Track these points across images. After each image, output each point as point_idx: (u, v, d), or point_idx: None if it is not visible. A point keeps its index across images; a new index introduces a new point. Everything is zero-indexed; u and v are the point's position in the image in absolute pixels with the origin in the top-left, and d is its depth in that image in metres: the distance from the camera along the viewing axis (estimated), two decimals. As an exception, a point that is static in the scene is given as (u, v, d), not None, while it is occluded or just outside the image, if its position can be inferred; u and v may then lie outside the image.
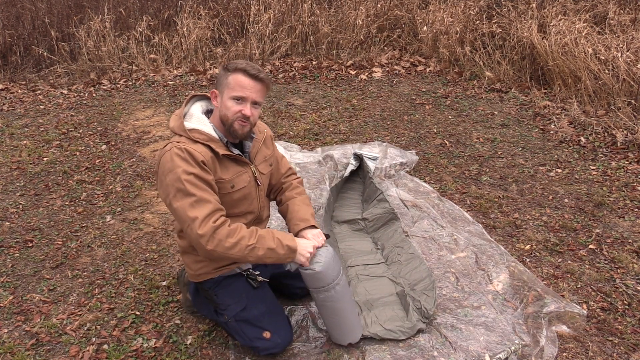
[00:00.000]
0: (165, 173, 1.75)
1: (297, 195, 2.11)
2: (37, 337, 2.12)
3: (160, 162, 1.80)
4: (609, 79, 4.15)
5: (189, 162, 1.74)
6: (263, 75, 1.81)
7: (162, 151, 1.80)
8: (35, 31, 5.71)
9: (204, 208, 1.71)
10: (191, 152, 1.74)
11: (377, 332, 2.04)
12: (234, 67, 1.80)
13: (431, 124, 4.19)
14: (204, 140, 1.81)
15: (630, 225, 2.83)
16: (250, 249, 1.74)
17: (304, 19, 5.88)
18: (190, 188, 1.72)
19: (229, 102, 1.81)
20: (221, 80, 1.83)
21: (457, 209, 2.97)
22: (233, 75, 1.80)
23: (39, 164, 3.59)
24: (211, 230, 1.69)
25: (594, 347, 2.04)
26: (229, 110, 1.81)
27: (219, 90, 1.85)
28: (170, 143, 1.80)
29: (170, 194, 1.74)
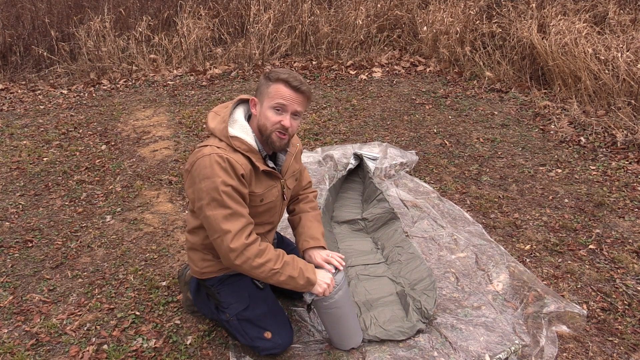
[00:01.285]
0: (202, 178, 1.72)
1: (310, 209, 2.11)
2: (37, 337, 2.12)
3: (196, 164, 1.75)
4: (609, 79, 4.15)
5: (229, 173, 1.71)
6: (305, 87, 1.78)
7: (201, 153, 1.75)
8: (35, 31, 5.71)
9: (237, 222, 1.72)
10: (233, 164, 1.72)
11: (376, 334, 2.04)
12: (276, 76, 1.76)
13: (431, 124, 4.19)
14: (244, 150, 1.78)
15: (630, 225, 2.83)
16: (274, 272, 1.77)
17: (304, 19, 5.88)
18: (227, 200, 1.71)
19: (268, 111, 1.78)
20: (262, 89, 1.80)
21: (457, 209, 2.97)
22: (274, 85, 1.76)
23: (38, 164, 3.59)
24: (242, 247, 1.71)
25: (594, 347, 2.04)
26: (268, 121, 1.78)
27: (259, 99, 1.81)
28: (210, 147, 1.75)
29: (204, 200, 1.72)
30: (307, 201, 2.13)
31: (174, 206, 3.07)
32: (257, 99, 1.82)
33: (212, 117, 1.88)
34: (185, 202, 3.11)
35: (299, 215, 2.09)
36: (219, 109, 1.90)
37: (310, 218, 2.07)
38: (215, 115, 1.88)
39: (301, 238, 2.01)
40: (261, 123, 1.80)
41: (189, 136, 3.99)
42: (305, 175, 2.16)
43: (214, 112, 1.90)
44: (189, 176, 1.80)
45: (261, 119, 1.80)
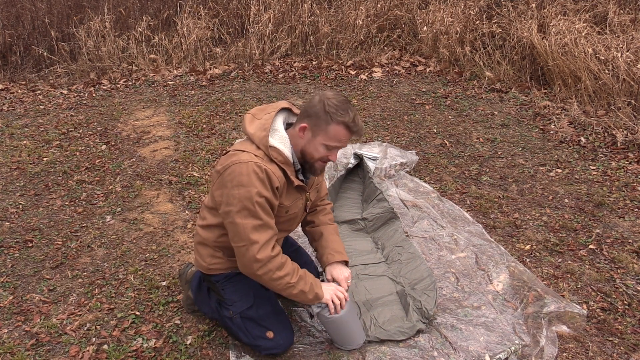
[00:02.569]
0: (236, 185, 1.71)
1: (330, 222, 2.12)
2: (37, 337, 2.12)
3: (231, 168, 1.72)
4: (609, 79, 4.15)
5: (265, 184, 1.71)
6: (360, 129, 1.79)
7: (237, 159, 1.72)
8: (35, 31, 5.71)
9: (265, 233, 1.74)
10: (270, 176, 1.72)
11: (376, 335, 2.05)
12: (340, 119, 1.73)
13: (431, 124, 4.19)
14: (280, 162, 1.77)
15: (630, 225, 2.83)
16: (289, 286, 1.80)
17: (304, 19, 5.88)
18: (259, 211, 1.71)
19: (320, 147, 1.78)
20: (319, 123, 1.75)
21: (457, 209, 2.97)
22: (335, 126, 1.74)
23: (39, 164, 3.59)
24: (267, 259, 1.74)
25: (594, 347, 2.04)
26: (317, 153, 1.79)
27: (312, 129, 1.77)
28: (248, 154, 1.73)
29: (235, 207, 1.72)
30: (325, 213, 2.13)
31: (174, 206, 3.07)
32: (309, 127, 1.77)
33: (249, 120, 1.84)
34: (185, 202, 3.11)
35: (319, 229, 2.08)
36: (257, 112, 1.86)
37: (332, 231, 2.09)
38: (253, 119, 1.84)
39: (326, 251, 2.03)
40: (308, 151, 1.80)
41: (189, 136, 3.99)
42: (323, 185, 2.16)
43: (251, 114, 1.86)
44: (220, 178, 1.77)
45: (309, 148, 1.80)
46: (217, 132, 4.04)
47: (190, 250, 2.67)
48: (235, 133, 4.01)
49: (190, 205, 3.07)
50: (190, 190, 3.24)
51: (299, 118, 1.83)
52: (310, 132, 1.78)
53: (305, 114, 1.79)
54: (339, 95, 1.78)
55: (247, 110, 4.43)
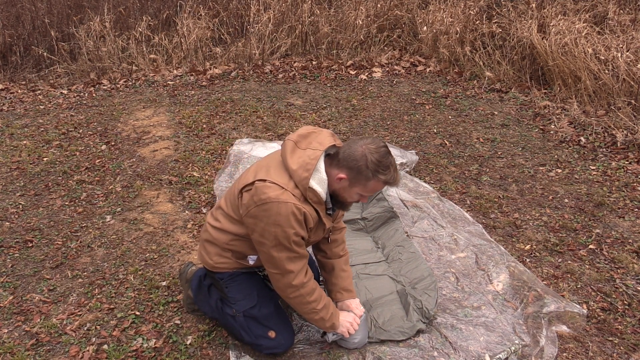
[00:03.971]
0: (273, 223, 1.71)
1: (342, 253, 2.11)
2: (37, 337, 2.12)
3: (269, 206, 1.70)
4: (609, 79, 4.15)
5: (302, 225, 1.74)
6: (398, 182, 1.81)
7: (276, 196, 1.70)
8: (35, 31, 5.71)
9: (299, 262, 1.81)
10: (307, 218, 1.75)
11: (376, 336, 2.05)
12: (381, 175, 1.73)
13: (431, 124, 4.19)
14: (315, 203, 1.78)
15: (630, 225, 2.83)
16: (314, 311, 1.87)
17: (304, 19, 5.88)
18: (294, 247, 1.77)
19: (355, 195, 1.81)
20: (359, 177, 1.74)
21: (457, 209, 2.97)
22: (376, 182, 1.75)
23: (39, 164, 3.59)
24: (301, 285, 1.82)
25: (594, 347, 2.04)
26: (350, 198, 1.83)
27: (350, 181, 1.76)
28: (287, 193, 1.71)
29: (270, 242, 1.75)
30: (338, 244, 2.10)
31: (174, 206, 3.07)
32: (348, 178, 1.76)
33: (291, 149, 1.79)
34: (185, 202, 3.11)
35: (331, 262, 2.08)
36: (300, 140, 1.81)
37: (343, 266, 2.09)
38: (296, 148, 1.80)
39: (335, 289, 2.06)
40: (341, 195, 1.82)
41: (189, 136, 3.99)
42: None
43: (294, 142, 1.81)
44: (255, 208, 1.74)
45: (343, 193, 1.81)
46: (217, 132, 4.03)
47: (190, 250, 2.67)
48: (235, 133, 4.01)
49: (190, 205, 3.07)
50: (190, 190, 3.24)
51: (337, 163, 1.78)
52: (347, 182, 1.77)
53: (345, 164, 1.76)
54: (381, 148, 1.74)
55: (247, 110, 4.43)
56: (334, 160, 1.80)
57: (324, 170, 1.78)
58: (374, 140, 1.76)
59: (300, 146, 1.80)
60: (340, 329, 1.94)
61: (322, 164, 1.78)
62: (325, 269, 2.09)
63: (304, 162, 1.75)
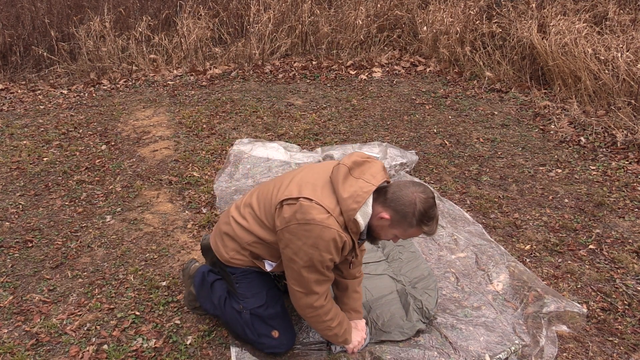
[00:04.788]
0: (312, 245, 1.71)
1: (358, 275, 2.10)
2: (37, 337, 2.12)
3: (312, 227, 1.69)
4: (609, 79, 4.15)
5: (338, 250, 1.75)
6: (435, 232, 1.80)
7: (322, 221, 1.69)
8: (35, 31, 5.71)
9: (325, 285, 1.85)
10: (344, 245, 1.76)
11: (378, 338, 2.06)
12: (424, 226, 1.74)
13: (431, 124, 4.19)
14: (353, 232, 1.78)
15: (630, 225, 2.83)
16: (328, 328, 1.90)
17: (304, 19, 5.88)
18: (326, 271, 1.79)
19: (391, 235, 1.81)
20: (402, 222, 1.74)
21: (457, 209, 2.97)
22: (417, 230, 1.75)
23: (39, 164, 3.59)
24: (320, 306, 1.85)
25: (594, 347, 2.04)
26: (386, 237, 1.83)
27: (392, 222, 1.76)
28: (332, 219, 1.70)
29: (303, 261, 1.75)
30: (355, 266, 2.07)
31: (174, 206, 3.07)
32: (391, 220, 1.75)
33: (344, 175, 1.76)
34: (185, 202, 3.11)
35: (346, 282, 2.08)
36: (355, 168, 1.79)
37: (356, 287, 2.10)
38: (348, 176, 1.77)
39: (345, 308, 2.07)
40: (378, 232, 1.82)
41: (189, 136, 3.99)
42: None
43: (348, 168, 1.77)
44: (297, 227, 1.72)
45: (381, 231, 1.81)
46: (217, 132, 4.03)
47: (191, 250, 2.67)
48: (235, 133, 4.01)
49: (190, 205, 3.07)
50: (190, 190, 3.24)
51: (384, 202, 1.76)
52: (389, 222, 1.76)
53: (392, 205, 1.74)
54: (430, 198, 1.74)
55: (247, 110, 4.43)
56: (381, 197, 1.78)
57: (371, 205, 1.76)
58: (425, 190, 1.75)
59: (354, 174, 1.78)
60: (350, 345, 1.98)
61: (370, 199, 1.76)
62: (339, 287, 2.10)
63: (355, 193, 1.73)
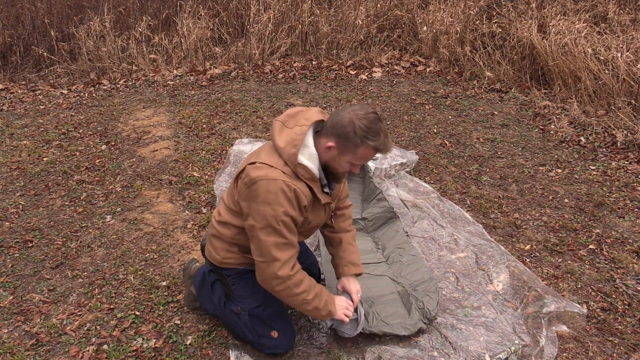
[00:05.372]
0: (262, 202, 1.69)
1: (349, 229, 2.09)
2: (37, 337, 2.12)
3: (258, 184, 1.69)
4: (609, 79, 4.15)
5: (292, 203, 1.70)
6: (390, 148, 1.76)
7: (265, 174, 1.69)
8: (35, 31, 5.71)
9: (288, 251, 1.75)
10: (299, 196, 1.71)
11: (380, 328, 2.04)
12: (370, 142, 1.68)
13: (431, 124, 4.19)
14: (308, 179, 1.75)
15: (630, 225, 2.83)
16: (304, 302, 1.81)
17: (304, 19, 5.88)
18: (283, 230, 1.71)
19: (345, 164, 1.76)
20: (348, 145, 1.70)
21: (457, 209, 2.97)
22: (364, 149, 1.70)
23: (39, 164, 3.59)
24: (287, 277, 1.75)
25: (594, 347, 2.04)
26: (342, 168, 1.78)
27: (339, 149, 1.72)
28: (277, 171, 1.70)
29: (260, 224, 1.72)
30: (345, 219, 2.08)
31: (174, 206, 3.07)
32: (337, 146, 1.72)
33: (279, 129, 1.78)
34: (185, 202, 3.11)
35: (338, 236, 2.06)
36: (287, 120, 1.80)
37: (351, 240, 2.07)
38: (283, 127, 1.78)
39: (342, 262, 2.03)
40: (332, 165, 1.78)
41: (189, 136, 3.99)
42: (345, 188, 2.10)
43: (281, 122, 1.79)
44: (247, 191, 1.74)
45: (333, 163, 1.77)
46: (217, 132, 4.03)
47: (191, 250, 2.67)
48: (235, 133, 4.01)
49: (190, 205, 3.07)
50: (190, 190, 3.24)
51: (326, 132, 1.75)
52: (337, 150, 1.73)
53: (333, 131, 1.72)
54: (370, 113, 1.70)
55: (247, 110, 4.43)
56: (322, 131, 1.77)
57: (313, 144, 1.76)
58: (362, 107, 1.73)
59: (288, 125, 1.79)
60: (337, 315, 1.90)
61: (310, 139, 1.76)
62: (332, 243, 2.06)
63: (291, 139, 1.74)
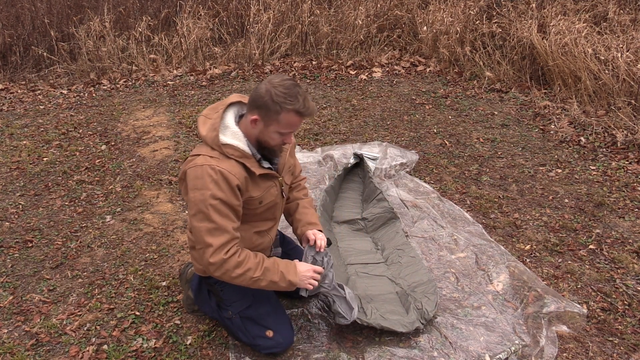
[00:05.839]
0: (192, 189, 1.73)
1: (304, 196, 2.15)
2: (37, 338, 2.12)
3: (187, 173, 1.76)
4: (609, 79, 4.15)
5: (219, 185, 1.71)
6: (312, 111, 1.76)
7: (193, 163, 1.75)
8: (35, 31, 5.71)
9: (220, 237, 1.73)
10: (226, 176, 1.71)
11: (378, 322, 2.02)
12: (291, 107, 1.69)
13: (431, 124, 4.19)
14: (238, 157, 1.76)
15: (630, 225, 2.83)
16: (254, 280, 1.79)
17: (304, 19, 5.88)
18: (213, 214, 1.71)
19: (274, 134, 1.76)
20: (269, 113, 1.71)
21: (457, 209, 2.97)
22: (286, 114, 1.70)
23: (38, 164, 3.59)
24: (220, 262, 1.74)
25: (594, 347, 2.04)
26: (272, 140, 1.78)
27: (263, 120, 1.74)
28: (203, 157, 1.75)
29: (192, 211, 1.74)
30: (299, 189, 2.17)
31: (174, 206, 3.07)
32: (260, 118, 1.74)
33: (202, 122, 1.84)
34: (185, 202, 3.11)
35: (295, 202, 2.12)
36: (209, 112, 1.86)
37: (306, 205, 2.12)
38: (206, 119, 1.84)
39: (299, 224, 2.06)
40: (263, 139, 1.79)
41: (189, 136, 3.99)
42: (297, 164, 2.17)
43: (203, 116, 1.86)
44: (181, 185, 1.83)
45: (264, 137, 1.78)
46: (217, 132, 4.03)
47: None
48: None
49: (190, 205, 3.07)
50: (190, 190, 3.24)
51: (248, 109, 1.78)
52: (262, 122, 1.75)
53: (254, 105, 1.74)
54: (285, 80, 1.72)
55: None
56: (245, 108, 1.82)
57: (234, 123, 1.80)
58: (278, 75, 1.76)
59: (210, 117, 1.84)
60: (302, 285, 1.86)
61: (229, 120, 1.81)
62: (290, 211, 2.12)
63: (210, 125, 1.79)
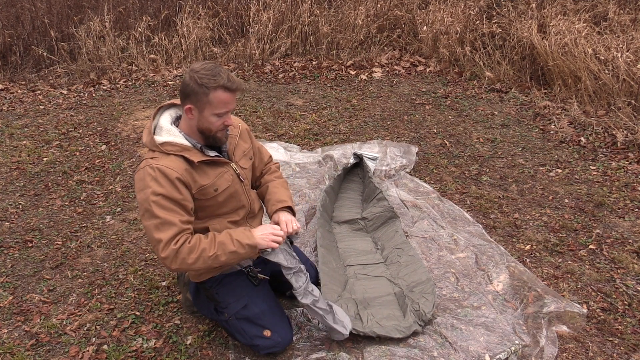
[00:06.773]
0: (137, 191, 1.79)
1: (275, 178, 2.17)
2: (36, 338, 2.12)
3: (134, 180, 1.84)
4: (609, 79, 4.15)
5: (158, 181, 1.74)
6: (240, 84, 1.80)
7: (138, 168, 1.82)
8: (35, 31, 5.71)
9: (168, 231, 1.74)
10: (164, 171, 1.75)
11: (373, 330, 2.03)
12: (214, 84, 1.73)
13: (431, 124, 4.19)
14: (177, 151, 1.80)
15: (631, 225, 2.83)
16: (213, 258, 1.79)
17: (304, 19, 5.88)
18: (156, 210, 1.74)
19: (211, 117, 1.79)
20: (199, 97, 1.75)
21: (457, 209, 2.97)
22: (214, 93, 1.74)
23: (38, 164, 3.59)
24: (173, 253, 1.75)
25: (594, 347, 2.04)
26: (213, 125, 1.81)
27: (196, 107, 1.77)
28: (145, 160, 1.82)
29: (140, 211, 1.79)
30: (270, 172, 2.19)
31: (174, 206, 3.07)
32: (193, 106, 1.78)
33: (144, 133, 1.90)
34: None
35: (265, 185, 2.14)
36: (147, 124, 1.91)
37: (276, 185, 2.13)
38: (145, 130, 1.91)
39: (269, 204, 2.07)
40: (204, 127, 1.82)
41: (189, 136, 3.99)
42: (263, 151, 2.19)
43: (147, 128, 1.90)
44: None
45: (203, 124, 1.81)
46: (217, 132, 4.03)
47: (190, 251, 2.67)
48: (235, 133, 4.01)
49: (190, 205, 3.07)
50: (190, 190, 3.24)
51: (181, 103, 1.83)
52: (196, 110, 1.78)
53: (184, 95, 1.79)
54: (205, 63, 1.77)
55: (247, 110, 4.43)
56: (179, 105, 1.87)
57: (168, 123, 1.86)
58: (198, 62, 1.81)
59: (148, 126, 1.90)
60: (264, 245, 1.85)
61: (162, 121, 1.87)
62: (261, 191, 2.14)
63: (147, 131, 1.87)
